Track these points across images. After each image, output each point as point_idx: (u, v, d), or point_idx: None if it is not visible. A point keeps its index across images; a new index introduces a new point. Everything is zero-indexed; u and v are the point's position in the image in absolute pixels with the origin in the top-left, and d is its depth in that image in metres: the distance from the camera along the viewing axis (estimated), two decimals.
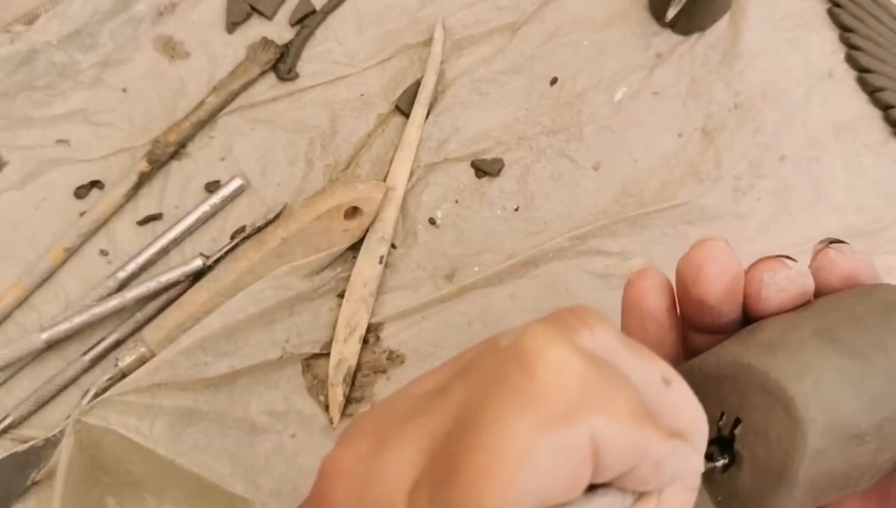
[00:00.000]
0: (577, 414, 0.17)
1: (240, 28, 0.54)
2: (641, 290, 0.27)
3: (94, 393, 0.45)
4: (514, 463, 0.16)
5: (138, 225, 0.50)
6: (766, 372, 0.22)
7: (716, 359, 0.24)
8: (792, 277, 0.24)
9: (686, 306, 0.26)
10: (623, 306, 0.28)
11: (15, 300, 0.47)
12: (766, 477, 0.22)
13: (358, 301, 0.47)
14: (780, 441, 0.22)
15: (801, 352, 0.22)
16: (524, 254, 0.49)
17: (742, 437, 0.23)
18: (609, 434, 0.17)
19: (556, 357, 0.17)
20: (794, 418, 0.21)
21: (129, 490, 0.44)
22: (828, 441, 0.22)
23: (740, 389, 0.23)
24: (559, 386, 0.17)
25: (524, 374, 0.17)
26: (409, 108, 0.52)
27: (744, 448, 0.23)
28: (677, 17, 0.51)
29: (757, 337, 0.23)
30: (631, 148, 0.52)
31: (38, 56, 0.51)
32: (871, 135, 0.52)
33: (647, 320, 0.27)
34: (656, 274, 0.27)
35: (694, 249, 0.25)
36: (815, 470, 0.22)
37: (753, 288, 0.25)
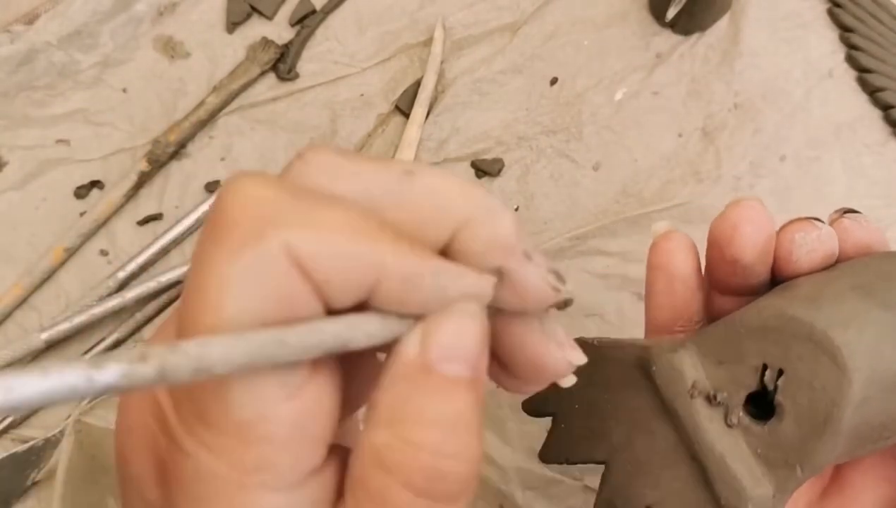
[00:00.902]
0: (265, 232, 0.17)
1: (240, 28, 0.54)
2: (668, 252, 0.27)
3: None
4: (213, 292, 0.17)
5: (138, 225, 0.50)
6: (811, 322, 0.23)
7: (757, 312, 0.24)
8: (823, 238, 0.25)
9: (717, 266, 0.26)
10: (649, 268, 0.27)
11: (15, 300, 0.47)
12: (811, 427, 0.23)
13: None
14: (826, 389, 0.22)
15: (843, 304, 0.23)
16: None
17: (785, 388, 0.23)
18: (308, 245, 0.17)
19: (244, 185, 0.17)
20: (840, 366, 0.22)
21: None
22: (871, 389, 0.22)
23: (784, 340, 0.23)
24: (246, 212, 0.17)
25: (216, 209, 0.18)
26: (409, 108, 0.52)
27: (786, 400, 0.23)
28: (677, 17, 0.51)
29: (796, 292, 0.24)
30: (631, 148, 0.52)
31: (38, 56, 0.51)
32: (871, 135, 0.52)
33: (675, 281, 0.27)
34: (681, 236, 0.27)
35: (729, 209, 0.25)
36: (858, 419, 0.22)
37: (784, 248, 0.25)
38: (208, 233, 0.18)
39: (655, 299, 0.27)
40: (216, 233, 0.17)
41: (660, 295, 0.27)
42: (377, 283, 0.17)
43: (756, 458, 0.24)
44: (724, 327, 0.25)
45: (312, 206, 0.17)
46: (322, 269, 0.17)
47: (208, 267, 0.17)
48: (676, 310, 0.27)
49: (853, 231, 0.26)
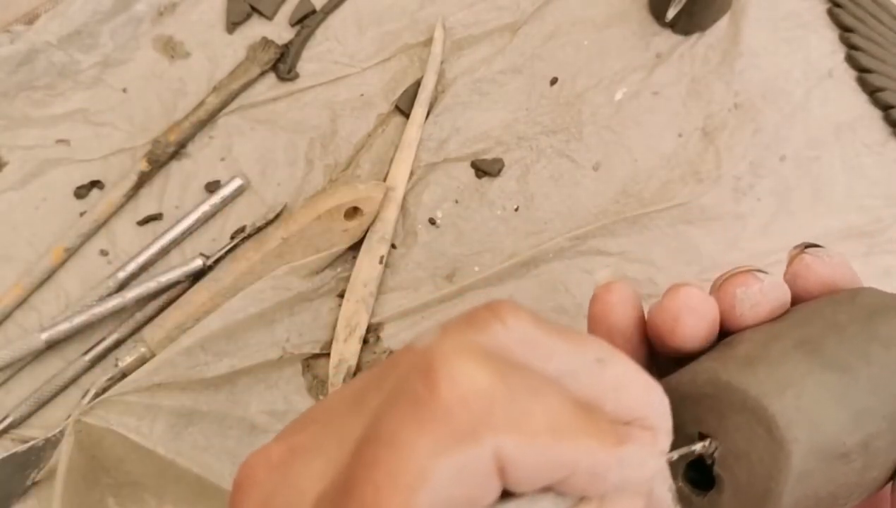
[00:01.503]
0: (479, 433, 0.16)
1: (240, 28, 0.54)
2: (608, 305, 0.25)
3: (94, 393, 0.45)
4: (409, 483, 0.16)
5: (138, 225, 0.50)
6: (745, 389, 0.21)
7: (691, 377, 0.22)
8: (765, 290, 0.23)
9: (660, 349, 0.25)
10: (589, 320, 0.26)
11: (15, 300, 0.47)
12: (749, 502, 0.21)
13: (358, 301, 0.47)
14: (763, 463, 0.21)
15: (781, 367, 0.21)
16: (524, 254, 0.49)
17: (722, 460, 0.22)
18: (516, 452, 0.16)
19: (461, 371, 0.16)
20: (776, 438, 0.20)
21: (129, 490, 0.44)
22: (812, 461, 0.20)
23: (719, 408, 0.22)
24: (462, 402, 0.16)
25: (426, 389, 0.16)
26: (409, 108, 0.52)
27: (724, 472, 0.22)
28: (677, 17, 0.51)
29: (735, 352, 0.22)
30: (631, 148, 0.52)
31: (38, 56, 0.51)
32: (871, 135, 0.52)
33: (615, 336, 0.25)
34: (623, 288, 0.26)
35: (667, 299, 0.24)
36: (800, 493, 0.21)
37: (727, 304, 0.24)
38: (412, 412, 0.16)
39: None
40: (424, 416, 0.16)
41: None
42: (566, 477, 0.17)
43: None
44: None
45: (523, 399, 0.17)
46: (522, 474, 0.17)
47: (409, 451, 0.16)
48: None
49: (815, 268, 0.24)
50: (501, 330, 0.18)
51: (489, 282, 0.48)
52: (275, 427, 0.45)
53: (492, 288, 0.49)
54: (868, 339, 0.22)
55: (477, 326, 0.18)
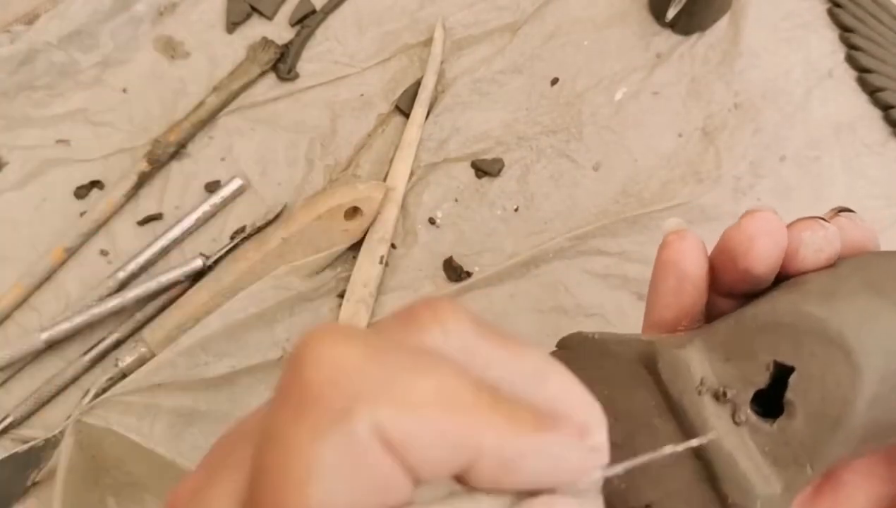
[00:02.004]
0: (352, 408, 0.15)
1: (240, 28, 0.54)
2: (681, 252, 0.26)
3: (94, 393, 0.45)
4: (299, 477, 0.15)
5: (138, 225, 0.50)
6: (825, 319, 0.22)
7: (771, 307, 0.24)
8: (829, 237, 0.24)
9: (726, 273, 0.26)
10: (658, 265, 0.27)
11: (15, 300, 0.47)
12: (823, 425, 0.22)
13: (358, 301, 0.47)
14: (840, 386, 0.22)
15: (856, 302, 0.23)
16: (524, 254, 0.49)
17: (796, 386, 0.23)
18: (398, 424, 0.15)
19: (327, 351, 0.16)
20: (853, 364, 0.22)
21: (129, 490, 0.44)
22: (883, 388, 0.22)
23: (796, 337, 0.23)
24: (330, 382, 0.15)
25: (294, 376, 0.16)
26: (409, 108, 0.52)
27: (797, 397, 0.23)
28: (677, 17, 0.51)
29: (808, 288, 0.24)
30: (631, 148, 0.52)
31: (38, 56, 0.51)
32: (871, 135, 0.52)
33: (685, 281, 0.26)
34: (694, 236, 0.27)
35: (745, 220, 0.25)
36: (869, 416, 0.22)
37: (792, 247, 0.25)
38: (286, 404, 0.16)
39: (662, 298, 0.27)
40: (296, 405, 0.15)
41: (668, 294, 0.27)
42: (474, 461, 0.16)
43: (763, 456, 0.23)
44: (735, 323, 0.24)
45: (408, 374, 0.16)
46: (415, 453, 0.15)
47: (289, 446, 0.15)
48: (683, 310, 0.26)
49: (849, 230, 0.26)
50: (440, 335, 0.17)
51: (489, 282, 0.48)
52: None
53: (492, 288, 0.49)
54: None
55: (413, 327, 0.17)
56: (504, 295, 0.49)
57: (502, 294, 0.49)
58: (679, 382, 0.24)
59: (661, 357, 0.25)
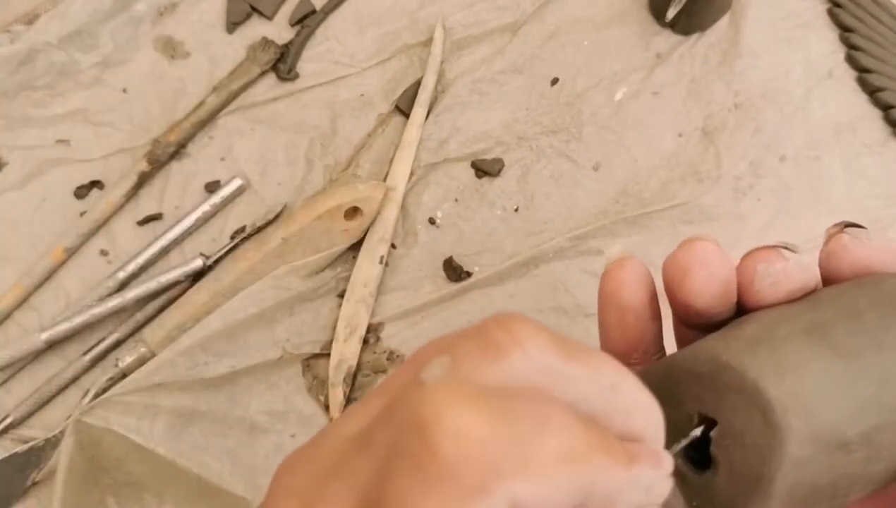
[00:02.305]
0: (489, 486, 0.15)
1: (240, 28, 0.54)
2: (619, 282, 0.25)
3: (94, 393, 0.45)
4: None
5: (138, 225, 0.50)
6: (743, 371, 0.20)
7: (693, 355, 0.22)
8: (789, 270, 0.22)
9: (673, 305, 0.24)
10: (600, 298, 0.25)
11: (15, 300, 0.47)
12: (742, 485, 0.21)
13: (358, 301, 0.47)
14: (757, 447, 0.20)
15: (783, 350, 0.20)
16: (524, 254, 0.49)
17: (719, 440, 0.21)
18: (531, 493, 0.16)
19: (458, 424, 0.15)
20: (771, 423, 0.20)
21: (129, 490, 0.44)
22: (809, 449, 0.20)
23: (718, 389, 0.21)
24: (464, 458, 0.15)
25: (426, 451, 0.15)
26: (409, 108, 0.52)
27: (720, 452, 0.21)
28: (677, 17, 0.51)
29: (740, 332, 0.22)
30: (631, 148, 0.52)
31: (38, 56, 0.51)
32: (871, 135, 0.52)
33: (626, 313, 0.25)
34: (634, 265, 0.25)
35: (680, 250, 0.23)
36: (794, 480, 0.20)
37: (746, 278, 0.23)
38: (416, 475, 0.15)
39: (607, 331, 0.26)
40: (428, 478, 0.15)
41: (611, 328, 0.25)
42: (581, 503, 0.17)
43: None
44: (665, 368, 0.23)
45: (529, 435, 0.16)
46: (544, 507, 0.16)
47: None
48: (630, 343, 0.25)
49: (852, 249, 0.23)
50: (522, 359, 0.17)
51: (489, 282, 0.48)
52: (275, 426, 0.45)
53: (492, 288, 0.49)
54: (884, 328, 0.21)
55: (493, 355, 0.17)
56: (504, 295, 0.49)
57: (502, 294, 0.49)
58: None
59: None
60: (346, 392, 0.46)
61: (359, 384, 0.47)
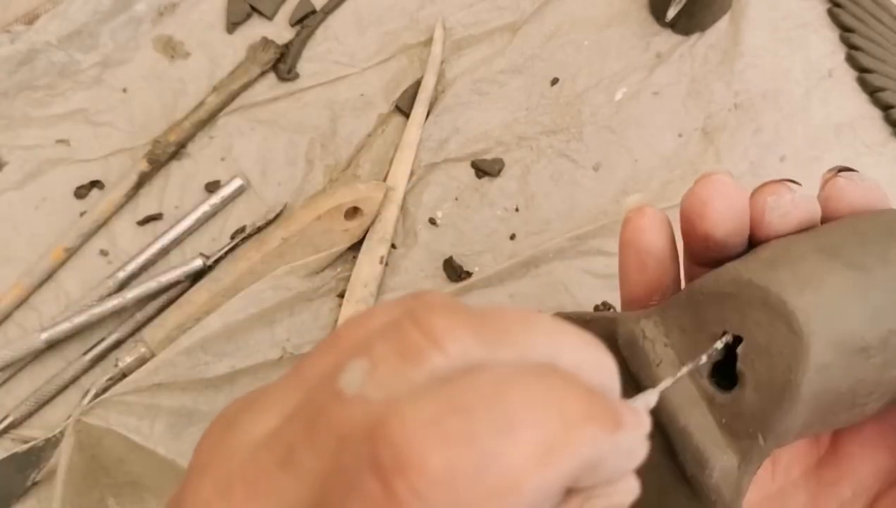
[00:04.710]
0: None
1: (240, 28, 0.54)
2: (639, 229, 0.26)
3: (94, 393, 0.45)
4: None
5: (138, 225, 0.50)
6: (765, 286, 0.22)
7: (715, 278, 0.23)
8: (796, 201, 0.24)
9: (691, 241, 0.25)
10: (620, 244, 0.27)
11: (15, 300, 0.47)
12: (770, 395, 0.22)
13: (358, 301, 0.47)
14: (783, 356, 0.21)
15: (801, 266, 0.22)
16: (524, 254, 0.49)
17: (745, 356, 0.22)
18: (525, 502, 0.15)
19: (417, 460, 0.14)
20: (795, 331, 0.21)
21: (129, 490, 0.44)
22: (831, 354, 0.21)
23: (741, 307, 0.22)
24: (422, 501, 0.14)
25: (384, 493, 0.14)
26: (409, 108, 0.52)
27: (746, 367, 0.22)
28: (677, 17, 0.51)
29: (758, 255, 0.23)
30: (631, 148, 0.52)
31: (38, 56, 0.51)
32: (871, 135, 0.52)
33: (647, 258, 0.26)
34: (654, 211, 0.26)
35: (699, 184, 0.24)
36: (819, 386, 0.21)
37: (757, 211, 0.24)
38: None
39: (628, 276, 0.27)
40: None
41: (632, 272, 0.27)
42: None
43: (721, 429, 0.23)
44: (686, 295, 0.24)
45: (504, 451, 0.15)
46: None
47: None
48: (650, 286, 0.26)
49: (848, 190, 0.25)
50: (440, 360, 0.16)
51: (489, 282, 0.48)
52: None
53: (492, 288, 0.49)
54: (888, 246, 0.23)
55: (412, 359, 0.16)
56: (504, 295, 0.49)
57: (502, 294, 0.49)
58: (636, 357, 0.24)
59: (619, 333, 0.25)
60: None
61: None
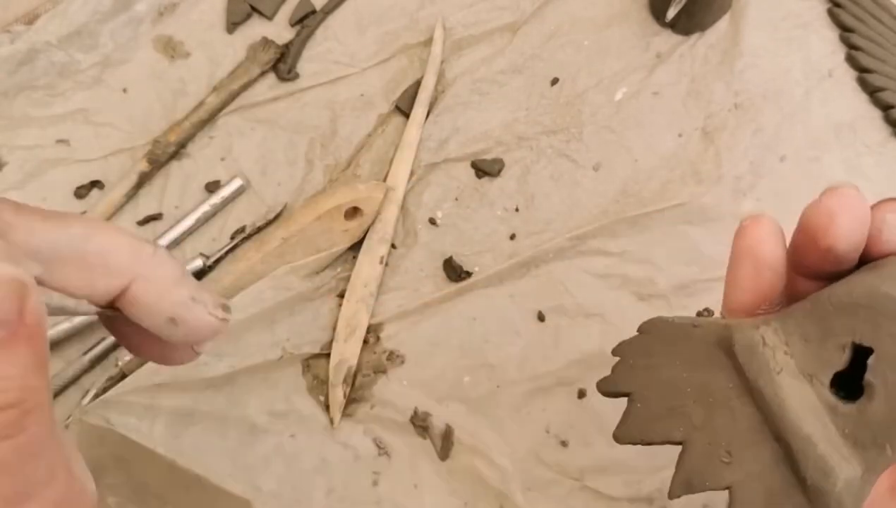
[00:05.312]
0: None
1: (240, 28, 0.54)
2: (757, 237, 0.26)
3: (94, 393, 0.45)
4: None
5: (138, 225, 0.50)
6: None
7: (848, 289, 0.24)
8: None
9: (808, 253, 0.25)
10: (735, 252, 0.27)
11: None
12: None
13: (358, 301, 0.47)
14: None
15: None
16: (524, 254, 0.49)
17: (874, 367, 0.23)
18: None
19: None
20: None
21: (129, 490, 0.44)
22: None
23: (874, 318, 0.23)
24: None
25: None
26: (409, 108, 0.52)
27: (877, 378, 0.23)
28: (677, 17, 0.51)
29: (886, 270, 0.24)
30: (631, 148, 0.52)
31: (38, 56, 0.51)
32: (871, 135, 0.52)
33: (763, 267, 0.26)
34: (771, 221, 0.27)
35: (826, 197, 0.24)
36: None
37: (875, 228, 0.24)
38: None
39: (740, 283, 0.27)
40: None
41: (745, 280, 0.27)
42: None
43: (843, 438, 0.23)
44: (812, 304, 0.24)
45: None
46: None
47: None
48: (761, 294, 0.27)
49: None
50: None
51: (489, 282, 0.48)
52: (275, 427, 0.45)
53: (492, 288, 0.49)
54: None
55: None
56: (504, 295, 0.49)
57: (502, 294, 0.49)
58: (755, 364, 0.25)
59: (737, 339, 0.25)
60: (346, 392, 0.46)
61: (359, 384, 0.47)
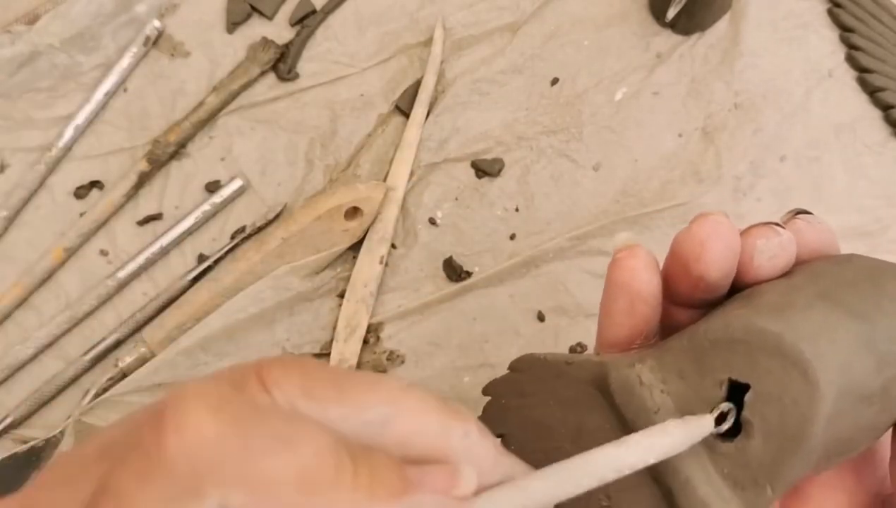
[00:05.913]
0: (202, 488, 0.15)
1: (240, 28, 0.54)
2: (631, 270, 0.25)
3: (94, 393, 0.45)
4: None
5: (138, 225, 0.50)
6: (779, 333, 0.21)
7: (723, 324, 0.23)
8: (784, 244, 0.24)
9: (679, 281, 0.24)
10: (608, 286, 0.25)
11: (15, 300, 0.47)
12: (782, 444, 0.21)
13: (358, 301, 0.47)
14: (797, 404, 0.21)
15: (812, 314, 0.22)
16: (524, 254, 0.49)
17: (752, 404, 0.22)
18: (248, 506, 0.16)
19: (189, 419, 0.15)
20: (811, 381, 0.21)
21: None
22: (842, 403, 0.21)
23: (751, 353, 0.22)
24: (185, 454, 0.15)
25: (153, 439, 0.16)
26: (409, 108, 0.52)
27: (754, 416, 0.22)
28: (677, 17, 0.51)
29: (762, 301, 0.23)
30: (631, 148, 0.52)
31: (40, 58, 0.51)
32: (871, 135, 0.52)
33: (637, 301, 0.25)
34: (645, 252, 0.25)
35: (696, 225, 0.23)
36: (829, 435, 0.21)
37: (746, 254, 0.24)
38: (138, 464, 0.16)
39: (615, 318, 0.25)
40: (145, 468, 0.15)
41: (620, 315, 0.25)
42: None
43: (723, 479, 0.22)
44: (688, 340, 0.23)
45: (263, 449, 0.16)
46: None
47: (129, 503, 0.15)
48: (636, 329, 0.25)
49: (806, 233, 0.25)
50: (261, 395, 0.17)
51: (489, 282, 0.48)
52: None
53: (492, 288, 0.49)
54: (879, 294, 0.23)
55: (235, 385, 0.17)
56: (504, 295, 0.49)
57: (502, 294, 0.49)
58: (632, 404, 0.23)
59: (613, 378, 0.24)
60: None
61: None
